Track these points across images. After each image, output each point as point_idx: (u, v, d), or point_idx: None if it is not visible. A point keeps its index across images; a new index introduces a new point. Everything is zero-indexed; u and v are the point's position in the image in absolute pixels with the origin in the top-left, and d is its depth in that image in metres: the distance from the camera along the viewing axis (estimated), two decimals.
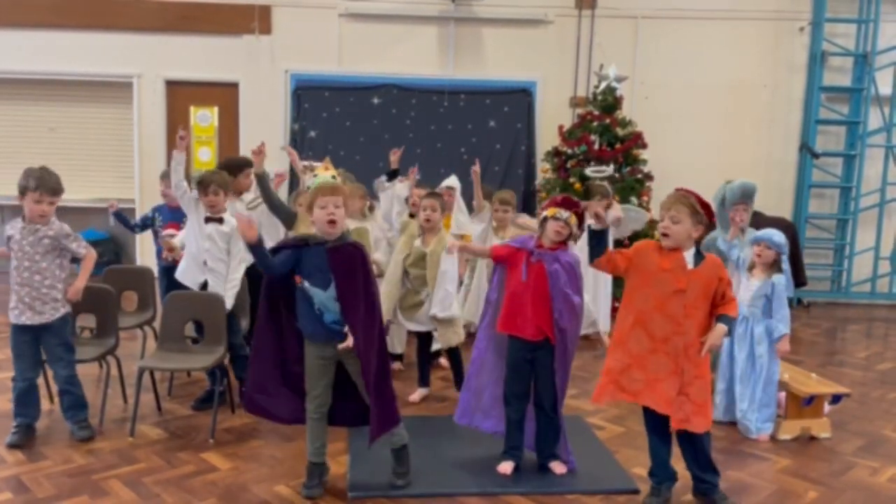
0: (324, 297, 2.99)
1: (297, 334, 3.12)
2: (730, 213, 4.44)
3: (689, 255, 2.99)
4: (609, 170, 7.01)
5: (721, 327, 2.96)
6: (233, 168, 4.64)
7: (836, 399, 4.14)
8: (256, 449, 3.64)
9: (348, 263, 2.99)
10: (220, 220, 4.05)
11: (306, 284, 3.00)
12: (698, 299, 2.97)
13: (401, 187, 4.95)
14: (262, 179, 4.36)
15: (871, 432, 4.14)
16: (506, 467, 3.40)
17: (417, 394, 4.42)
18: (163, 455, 3.51)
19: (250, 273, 4.12)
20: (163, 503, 3.04)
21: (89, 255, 3.70)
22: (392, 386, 3.14)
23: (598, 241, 3.08)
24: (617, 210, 3.60)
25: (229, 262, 4.08)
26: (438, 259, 4.22)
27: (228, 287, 4.05)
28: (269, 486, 3.21)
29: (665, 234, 2.98)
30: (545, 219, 3.33)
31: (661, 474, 3.16)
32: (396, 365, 4.93)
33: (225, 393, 4.08)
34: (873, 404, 4.66)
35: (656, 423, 3.11)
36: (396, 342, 5.01)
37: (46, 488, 3.13)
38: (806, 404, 3.96)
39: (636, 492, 3.26)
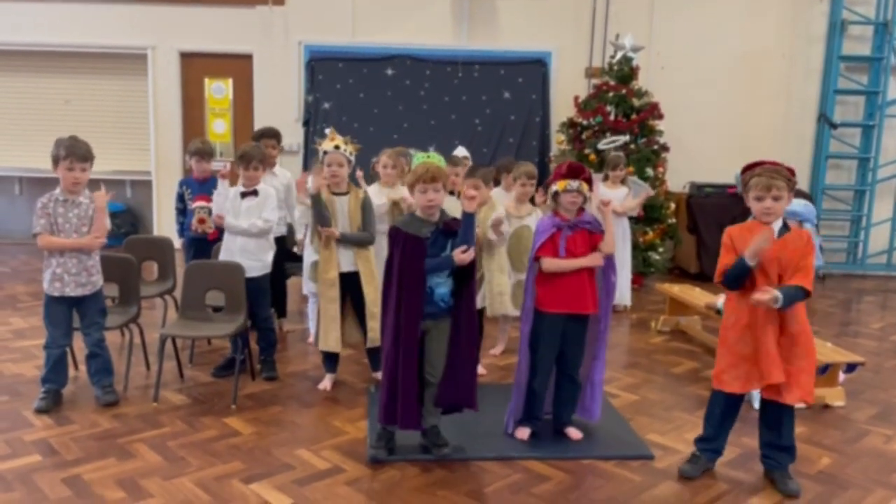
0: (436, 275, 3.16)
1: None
2: None
3: (775, 226, 2.93)
4: (622, 139, 6.97)
5: (772, 291, 2.82)
6: (256, 138, 4.84)
7: (850, 368, 4.16)
8: (277, 414, 3.71)
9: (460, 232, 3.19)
10: (255, 193, 4.10)
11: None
12: (789, 268, 2.90)
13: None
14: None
15: (884, 401, 4.17)
16: (522, 432, 3.45)
17: None
18: (186, 420, 3.59)
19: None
20: (188, 465, 3.11)
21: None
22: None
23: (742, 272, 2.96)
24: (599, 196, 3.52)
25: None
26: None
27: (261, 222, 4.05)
28: (290, 450, 3.29)
29: (768, 213, 2.91)
30: (556, 193, 3.34)
31: (712, 446, 3.18)
32: None
33: (245, 361, 4.15)
34: (887, 374, 4.67)
35: (736, 398, 3.08)
36: None
37: (74, 451, 3.22)
38: (821, 373, 3.98)
39: (650, 457, 3.31)
